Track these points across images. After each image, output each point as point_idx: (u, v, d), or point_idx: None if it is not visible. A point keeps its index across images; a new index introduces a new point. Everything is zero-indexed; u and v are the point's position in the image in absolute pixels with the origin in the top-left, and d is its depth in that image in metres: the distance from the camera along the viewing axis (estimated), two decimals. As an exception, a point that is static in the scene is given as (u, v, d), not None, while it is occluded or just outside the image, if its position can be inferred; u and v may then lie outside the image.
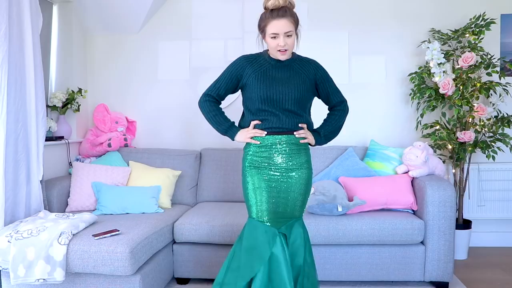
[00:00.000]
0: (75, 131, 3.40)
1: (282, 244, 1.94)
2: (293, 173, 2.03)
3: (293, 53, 2.11)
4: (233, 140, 2.11)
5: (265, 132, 2.02)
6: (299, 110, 2.04)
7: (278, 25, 1.93)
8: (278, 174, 2.02)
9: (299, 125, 2.04)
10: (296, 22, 1.99)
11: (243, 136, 2.06)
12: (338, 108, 2.15)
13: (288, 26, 1.94)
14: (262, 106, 2.02)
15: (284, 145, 2.02)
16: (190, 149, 3.40)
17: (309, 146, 2.13)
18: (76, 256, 2.13)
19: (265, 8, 1.98)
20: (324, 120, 2.18)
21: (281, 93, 2.00)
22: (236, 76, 2.08)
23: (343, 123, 2.18)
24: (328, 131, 2.15)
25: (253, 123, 2.05)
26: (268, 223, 1.97)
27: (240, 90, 2.15)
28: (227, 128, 2.11)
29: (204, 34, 3.57)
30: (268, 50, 2.08)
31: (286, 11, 1.94)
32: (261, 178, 2.01)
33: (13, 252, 2.12)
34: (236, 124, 2.16)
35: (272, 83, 2.01)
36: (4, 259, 2.15)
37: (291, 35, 1.97)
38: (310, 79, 2.07)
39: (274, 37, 1.96)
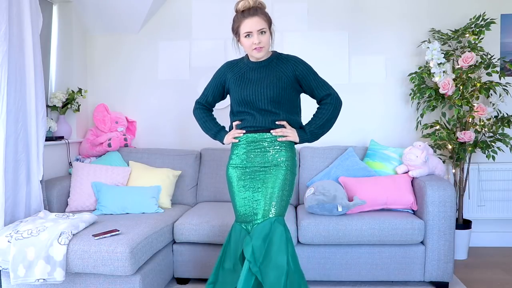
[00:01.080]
0: (75, 131, 3.40)
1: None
2: (268, 171, 2.03)
3: (274, 52, 2.12)
4: (223, 143, 2.18)
5: (243, 131, 2.07)
6: (274, 108, 2.04)
7: (251, 23, 1.96)
8: (253, 173, 2.04)
9: (277, 122, 2.05)
10: (268, 20, 2.02)
11: (228, 138, 2.13)
12: (325, 102, 2.10)
13: (260, 24, 1.97)
14: (239, 108, 2.08)
15: (259, 143, 2.05)
16: (190, 149, 3.40)
17: (295, 144, 2.11)
18: (76, 256, 2.13)
19: (236, 11, 2.03)
20: (312, 115, 2.15)
21: (254, 93, 2.03)
22: (220, 82, 2.18)
23: (334, 117, 2.10)
24: (315, 127, 2.09)
25: (234, 124, 2.13)
26: (241, 223, 2.04)
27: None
28: (216, 133, 2.21)
29: (204, 34, 3.57)
30: (247, 55, 2.12)
31: (257, 10, 1.99)
32: (236, 178, 2.07)
33: (13, 252, 2.12)
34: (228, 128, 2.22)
35: (247, 84, 2.05)
36: (4, 259, 2.15)
37: (265, 32, 1.99)
38: (288, 76, 2.05)
39: (248, 35, 1.99)
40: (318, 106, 2.15)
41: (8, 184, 2.39)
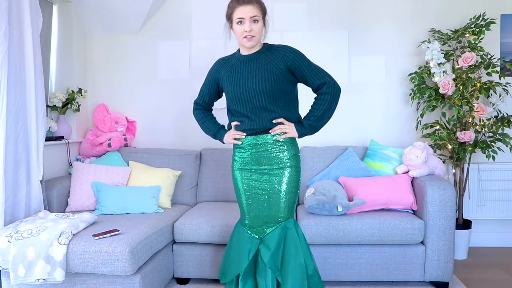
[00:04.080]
0: (75, 131, 3.40)
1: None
2: (274, 173, 2.00)
3: (265, 44, 2.06)
4: (223, 143, 2.16)
5: (245, 134, 2.03)
6: (270, 104, 1.97)
7: (244, 10, 1.92)
8: (258, 175, 2.02)
9: (274, 121, 2.00)
10: (263, 10, 1.98)
11: (228, 138, 2.11)
12: (321, 92, 2.01)
13: (253, 11, 1.93)
14: (235, 106, 2.04)
15: (262, 145, 2.01)
16: (190, 149, 3.40)
17: (296, 139, 2.07)
18: (76, 256, 2.13)
19: None
20: (310, 107, 2.07)
21: (248, 89, 1.97)
22: (215, 81, 2.14)
23: (332, 106, 2.01)
24: (313, 120, 2.02)
25: (233, 124, 2.09)
26: (248, 228, 2.03)
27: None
28: (216, 132, 2.18)
29: (204, 34, 3.56)
30: (239, 49, 2.07)
31: None
32: (243, 180, 2.05)
33: (13, 252, 2.12)
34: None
35: (239, 80, 2.00)
36: (4, 259, 2.15)
37: (257, 21, 1.95)
38: (279, 67, 1.97)
39: (240, 22, 1.94)
40: (315, 96, 2.06)
41: (8, 184, 2.39)
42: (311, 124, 2.02)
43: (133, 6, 3.38)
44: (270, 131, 2.01)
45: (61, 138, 3.17)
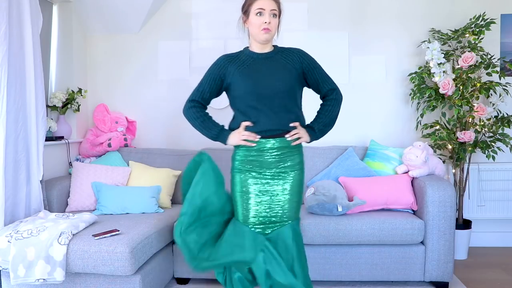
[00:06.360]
0: (75, 131, 3.40)
1: (270, 252, 1.92)
2: (286, 176, 1.97)
3: (275, 46, 2.05)
4: (226, 144, 2.02)
5: (259, 137, 1.94)
6: (290, 104, 1.95)
7: (265, 2, 1.91)
8: (268, 177, 1.96)
9: (291, 124, 1.96)
10: (280, 9, 1.98)
11: (236, 138, 1.97)
12: (330, 98, 2.01)
13: (274, 5, 1.94)
14: (251, 103, 1.94)
15: (276, 150, 1.96)
16: (190, 149, 3.39)
17: (305, 143, 2.05)
18: (76, 256, 2.13)
19: None
20: (317, 112, 2.06)
21: (269, 86, 1.92)
22: (219, 77, 2.01)
23: (338, 113, 2.05)
24: (322, 125, 2.03)
25: (243, 124, 1.96)
26: (253, 228, 1.95)
27: (225, 93, 2.08)
28: (218, 133, 2.02)
29: (204, 34, 3.57)
30: (248, 47, 2.05)
31: None
32: (250, 182, 1.96)
33: (13, 252, 2.12)
34: (226, 127, 2.07)
35: (258, 76, 1.94)
36: (4, 259, 2.15)
37: (276, 16, 1.95)
38: (297, 69, 1.97)
39: (260, 13, 1.91)
40: (322, 102, 2.07)
41: (8, 184, 2.39)
42: (321, 129, 2.03)
43: (133, 6, 3.38)
44: (286, 136, 1.96)
45: (61, 138, 3.17)
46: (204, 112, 2.08)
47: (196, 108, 2.07)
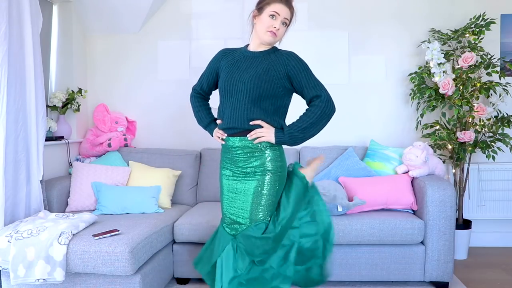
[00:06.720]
0: (75, 131, 3.40)
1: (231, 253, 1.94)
2: (253, 176, 1.94)
3: (273, 47, 2.03)
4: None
5: (225, 135, 2.00)
6: (255, 104, 1.90)
7: (282, 8, 1.91)
8: (238, 175, 1.97)
9: (251, 123, 1.91)
10: (291, 20, 1.99)
11: (214, 136, 2.08)
12: (312, 104, 1.90)
13: (288, 15, 1.94)
14: (221, 99, 2.00)
15: (238, 149, 1.96)
16: (190, 149, 3.40)
17: (274, 145, 1.94)
18: (76, 256, 2.13)
19: None
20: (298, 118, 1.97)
21: (236, 83, 1.92)
22: (215, 69, 2.08)
23: (320, 121, 1.89)
24: (295, 129, 1.89)
25: (217, 122, 2.05)
26: (226, 226, 2.00)
27: None
28: (206, 125, 2.14)
29: (204, 34, 3.57)
30: (248, 45, 2.04)
31: (291, 4, 1.96)
32: (223, 178, 2.04)
33: (13, 252, 2.12)
34: None
35: (234, 72, 1.95)
36: (4, 259, 2.15)
37: (286, 24, 1.96)
38: (277, 70, 1.91)
39: (273, 16, 1.91)
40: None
41: (8, 184, 2.39)
42: (292, 133, 1.90)
43: (133, 6, 3.38)
44: (247, 135, 1.93)
45: (61, 138, 3.17)
46: (200, 102, 2.18)
47: (195, 97, 2.19)
